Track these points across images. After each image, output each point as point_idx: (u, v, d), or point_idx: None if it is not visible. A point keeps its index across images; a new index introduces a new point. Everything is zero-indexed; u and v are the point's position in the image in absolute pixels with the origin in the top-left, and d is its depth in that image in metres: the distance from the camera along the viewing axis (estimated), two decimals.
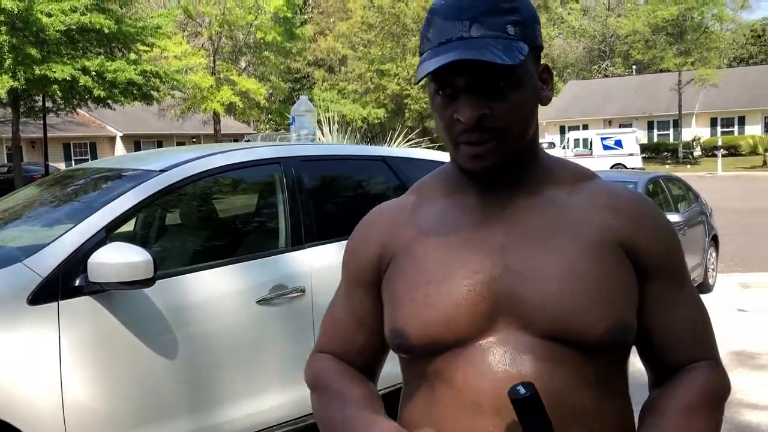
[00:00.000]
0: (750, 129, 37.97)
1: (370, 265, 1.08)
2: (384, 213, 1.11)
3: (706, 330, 1.06)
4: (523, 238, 0.99)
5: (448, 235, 1.02)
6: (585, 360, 0.94)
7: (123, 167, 3.26)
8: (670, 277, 1.02)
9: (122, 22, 18.31)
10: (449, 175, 1.08)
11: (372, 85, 32.64)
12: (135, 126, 34.18)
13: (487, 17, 0.93)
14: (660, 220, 1.04)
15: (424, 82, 1.00)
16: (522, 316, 0.95)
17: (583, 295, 0.94)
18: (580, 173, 1.07)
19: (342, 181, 3.78)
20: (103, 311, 2.57)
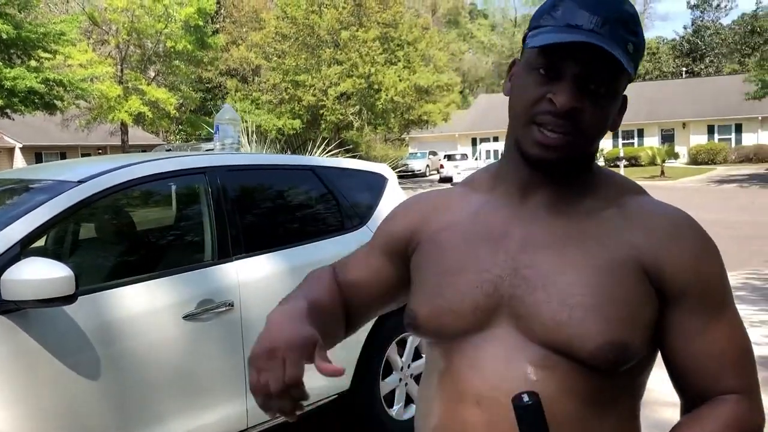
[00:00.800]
0: (648, 141, 40.13)
1: (401, 239, 1.15)
2: (424, 199, 1.18)
3: (740, 359, 0.99)
4: (542, 243, 1.00)
5: (474, 228, 1.06)
6: (578, 372, 0.94)
7: (34, 178, 3.08)
8: (702, 302, 0.97)
9: (22, 28, 17.43)
10: (494, 171, 1.12)
11: (287, 95, 32.36)
12: (36, 137, 32.50)
13: (617, 25, 0.94)
14: (696, 241, 0.99)
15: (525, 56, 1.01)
16: (520, 320, 0.97)
17: (579, 310, 0.94)
18: (628, 188, 1.06)
19: (270, 191, 3.70)
20: (18, 331, 2.40)
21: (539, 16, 0.99)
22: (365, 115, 32.22)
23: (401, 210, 1.20)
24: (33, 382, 2.43)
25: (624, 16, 0.95)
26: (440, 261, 1.05)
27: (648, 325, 0.96)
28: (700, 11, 64.34)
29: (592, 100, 0.94)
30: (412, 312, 1.06)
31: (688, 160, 39.10)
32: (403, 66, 31.90)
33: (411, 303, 1.08)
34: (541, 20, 0.98)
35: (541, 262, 0.98)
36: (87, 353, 2.56)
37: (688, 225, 1.01)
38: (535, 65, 0.96)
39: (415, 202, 1.19)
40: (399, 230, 1.16)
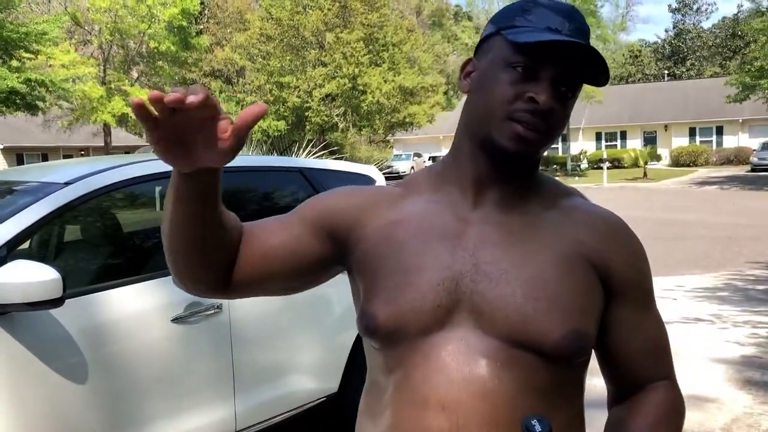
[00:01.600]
0: (631, 143, 40.48)
1: (338, 220, 1.08)
2: (369, 190, 1.14)
3: (666, 350, 1.11)
4: (498, 240, 1.01)
5: (428, 226, 1.04)
6: (539, 366, 0.96)
7: (24, 179, 3.04)
8: (638, 298, 1.06)
9: (3, 27, 17.25)
10: (439, 172, 1.11)
11: (271, 97, 32.30)
12: (17, 138, 32.14)
13: (585, 36, 1.01)
14: (633, 240, 1.08)
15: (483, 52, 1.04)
16: (482, 316, 0.97)
17: (544, 302, 0.96)
18: (562, 190, 1.11)
19: (258, 192, 3.69)
20: (5, 335, 2.37)
21: (510, 16, 1.01)
22: (350, 116, 32.22)
23: (341, 192, 1.12)
24: (19, 387, 2.40)
25: (586, 30, 1.02)
26: (395, 260, 1.02)
27: (598, 317, 1.02)
28: (681, 15, 65.04)
29: (561, 102, 0.99)
30: (370, 314, 1.01)
31: (670, 162, 39.50)
32: (388, 67, 31.96)
33: (367, 305, 1.02)
34: (515, 22, 1.00)
35: (501, 257, 0.99)
36: (74, 357, 2.54)
37: (624, 226, 1.08)
38: (511, 62, 0.97)
39: (358, 190, 1.13)
40: (337, 209, 1.08)
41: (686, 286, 8.22)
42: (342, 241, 1.07)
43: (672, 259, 10.49)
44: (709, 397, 4.46)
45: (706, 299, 7.39)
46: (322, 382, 3.51)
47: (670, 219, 15.74)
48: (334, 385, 3.57)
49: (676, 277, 8.88)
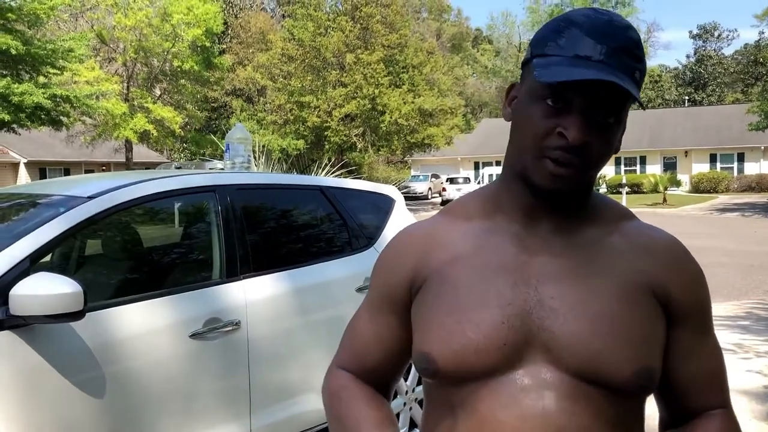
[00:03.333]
0: (651, 168, 40.20)
1: (402, 287, 1.08)
2: (416, 234, 1.10)
3: (723, 379, 1.09)
4: (560, 273, 0.98)
5: (484, 260, 1.00)
6: (608, 401, 0.95)
7: (45, 193, 3.08)
8: (696, 324, 1.05)
9: (31, 44, 17.57)
10: (489, 197, 1.07)
11: (291, 116, 32.53)
12: (40, 152, 32.61)
13: (624, 54, 0.93)
14: (693, 266, 1.06)
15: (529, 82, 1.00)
16: (551, 352, 0.94)
17: (613, 337, 0.94)
18: (621, 213, 1.08)
19: (278, 210, 3.70)
20: (26, 347, 2.38)
21: (543, 41, 0.97)
22: (369, 136, 32.35)
23: (392, 255, 1.11)
24: (38, 398, 2.41)
25: (629, 44, 0.94)
26: (453, 298, 0.99)
27: (662, 346, 1.01)
28: (703, 41, 64.87)
29: (599, 131, 0.94)
30: (427, 355, 0.98)
31: (690, 188, 39.15)
32: (408, 89, 32.10)
33: (423, 345, 1.00)
34: (547, 48, 0.95)
35: (565, 292, 0.97)
36: (92, 370, 2.54)
37: (684, 250, 1.07)
38: (541, 95, 0.94)
39: (406, 242, 1.10)
40: (398, 279, 1.08)
41: None
42: (411, 300, 1.08)
43: None
44: None
45: (728, 328, 7.27)
46: None
47: (690, 246, 15.44)
48: None
49: None
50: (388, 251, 1.13)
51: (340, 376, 1.15)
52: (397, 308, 1.09)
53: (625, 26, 0.95)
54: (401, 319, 1.09)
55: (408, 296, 1.07)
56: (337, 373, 1.16)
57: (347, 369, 1.16)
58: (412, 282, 1.06)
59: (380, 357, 1.12)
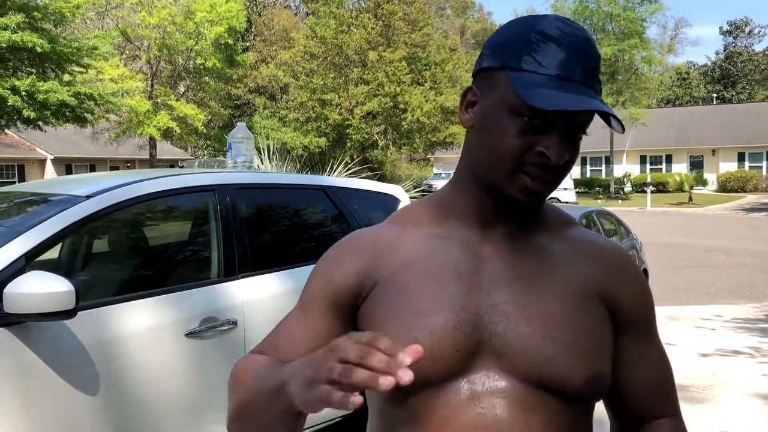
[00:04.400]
0: (677, 167, 39.66)
1: (346, 289, 1.01)
2: (364, 239, 1.05)
3: (671, 386, 1.09)
4: (512, 278, 0.97)
5: (436, 265, 0.98)
6: (560, 408, 0.94)
7: (49, 192, 3.11)
8: (643, 331, 1.05)
9: (56, 42, 17.83)
10: (440, 204, 1.05)
11: (314, 114, 32.65)
12: (67, 149, 33.12)
13: (597, 72, 0.95)
14: (638, 273, 1.07)
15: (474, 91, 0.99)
16: (503, 357, 0.93)
17: (565, 343, 0.94)
18: (564, 219, 1.08)
19: (279, 210, 3.70)
20: (20, 344, 2.41)
21: (516, 53, 0.93)
22: (390, 134, 32.34)
23: (337, 257, 1.05)
24: (32, 396, 2.44)
25: (597, 62, 0.95)
26: (405, 304, 0.96)
27: (611, 353, 1.00)
28: (733, 37, 63.76)
29: (572, 148, 0.95)
30: None
31: (717, 187, 38.55)
32: (430, 87, 32.03)
33: None
34: (523, 62, 0.92)
35: (517, 297, 0.95)
36: (87, 368, 2.56)
37: (630, 259, 1.07)
38: (519, 111, 0.91)
39: (353, 246, 1.05)
40: (342, 280, 1.02)
41: (725, 316, 7.96)
42: (357, 306, 1.02)
43: (712, 287, 10.20)
44: None
45: (747, 330, 7.14)
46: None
47: (714, 246, 15.31)
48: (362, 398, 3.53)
49: (715, 306, 8.62)
50: (332, 253, 1.07)
51: (254, 357, 1.03)
52: (335, 310, 1.02)
53: (594, 43, 0.95)
54: (342, 321, 1.02)
55: (353, 300, 1.02)
56: (249, 356, 1.05)
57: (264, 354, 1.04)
58: (360, 287, 1.01)
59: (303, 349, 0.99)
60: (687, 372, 5.59)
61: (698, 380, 5.38)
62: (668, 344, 6.62)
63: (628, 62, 35.06)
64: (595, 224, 7.58)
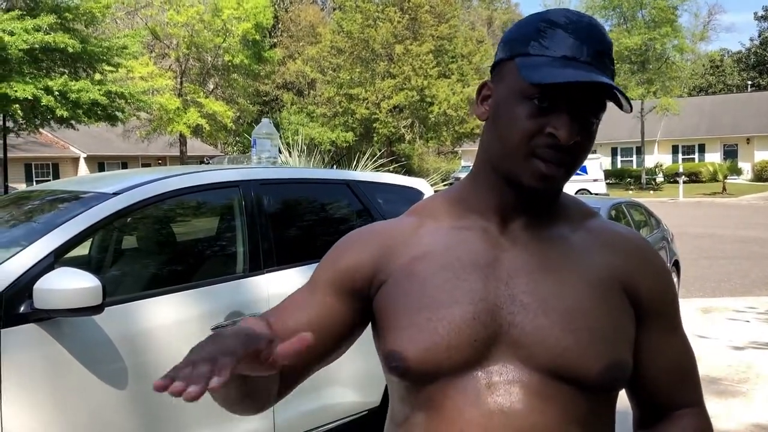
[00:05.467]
0: (710, 156, 38.91)
1: (359, 273, 1.03)
2: (380, 230, 1.06)
3: (694, 375, 1.08)
4: (532, 268, 0.98)
5: (455, 256, 0.99)
6: (578, 397, 0.93)
7: (78, 189, 3.16)
8: (665, 320, 1.04)
9: (87, 42, 18.14)
10: (458, 198, 1.05)
11: (341, 108, 32.72)
12: (99, 147, 33.70)
13: (606, 57, 0.95)
14: (659, 262, 1.06)
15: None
16: (521, 348, 0.94)
17: (584, 333, 0.94)
18: (586, 210, 1.08)
19: (303, 205, 3.72)
20: (50, 339, 2.46)
21: (524, 41, 0.95)
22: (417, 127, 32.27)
23: (353, 243, 1.06)
24: (61, 390, 2.49)
25: (608, 48, 0.96)
26: (423, 294, 0.97)
27: (632, 342, 1.00)
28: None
29: (585, 131, 0.94)
30: (397, 353, 0.95)
31: (752, 176, 37.75)
32: (457, 79, 31.86)
33: (392, 344, 0.97)
34: (530, 47, 0.94)
35: (536, 287, 0.96)
36: (115, 363, 2.61)
37: (651, 248, 1.07)
38: (527, 94, 0.92)
39: (370, 235, 1.06)
40: (355, 264, 1.03)
41: (760, 308, 7.80)
42: (366, 295, 1.03)
43: (747, 279, 10.00)
44: None
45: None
46: (364, 395, 3.49)
47: (748, 236, 15.01)
48: (376, 398, 3.54)
49: (749, 298, 8.45)
50: (342, 243, 1.08)
51: (257, 319, 1.03)
52: (345, 295, 1.03)
53: (602, 30, 0.96)
54: (342, 305, 1.03)
55: (363, 287, 1.03)
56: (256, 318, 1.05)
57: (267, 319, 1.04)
58: (374, 275, 1.02)
59: (303, 320, 1.02)
60: (720, 365, 5.49)
61: (732, 373, 5.28)
62: (701, 336, 6.53)
63: (660, 51, 34.46)
64: (624, 216, 7.47)
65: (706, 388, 4.96)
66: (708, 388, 4.98)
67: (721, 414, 4.49)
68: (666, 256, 7.73)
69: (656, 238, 7.70)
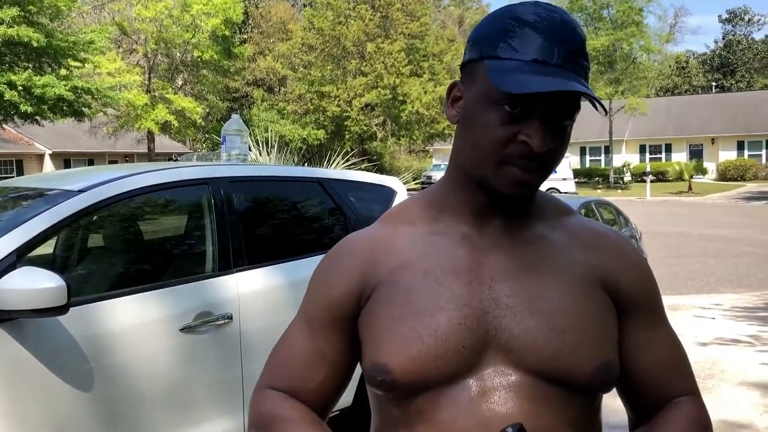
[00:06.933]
0: (676, 156, 39.60)
1: (349, 298, 1.00)
2: (360, 243, 1.04)
3: (685, 364, 1.07)
4: (513, 270, 0.95)
5: (436, 263, 0.96)
6: (569, 399, 0.92)
7: (43, 186, 3.08)
8: (649, 314, 1.03)
9: (53, 36, 17.77)
10: (433, 201, 1.03)
11: (312, 106, 32.56)
12: (65, 144, 33.06)
13: (579, 56, 0.92)
14: (638, 257, 1.05)
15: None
16: (511, 352, 0.91)
17: (572, 334, 0.92)
18: (562, 208, 1.06)
19: (274, 203, 3.67)
20: (11, 341, 2.39)
21: (492, 41, 0.92)
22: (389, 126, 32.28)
23: (336, 266, 1.03)
24: (24, 392, 2.41)
25: (581, 45, 0.93)
26: (407, 304, 0.94)
27: (617, 341, 0.99)
28: (732, 25, 63.57)
29: (558, 135, 0.92)
30: (382, 366, 0.92)
31: (716, 176, 38.52)
32: (428, 78, 31.93)
33: (377, 356, 0.94)
34: (499, 50, 0.90)
35: (520, 289, 0.94)
36: (81, 364, 2.54)
37: (629, 244, 1.06)
38: (498, 100, 0.89)
39: (349, 251, 1.03)
40: (344, 290, 1.01)
41: (725, 305, 7.95)
42: (355, 315, 1.01)
43: (712, 276, 10.19)
44: (743, 422, 4.28)
45: (746, 319, 7.13)
46: None
47: (713, 235, 15.30)
48: (348, 398, 3.52)
49: (715, 296, 8.61)
50: (327, 264, 1.05)
51: (271, 397, 1.04)
52: (342, 322, 1.01)
53: (575, 24, 0.93)
54: (346, 334, 1.01)
55: (355, 308, 1.00)
56: (267, 394, 1.05)
57: (281, 389, 1.05)
58: (361, 292, 0.99)
59: (323, 376, 1.03)
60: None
61: (698, 369, 5.36)
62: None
63: (626, 51, 34.92)
64: (594, 214, 7.55)
65: None
66: None
67: None
68: None
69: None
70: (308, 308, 1.05)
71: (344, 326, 1.01)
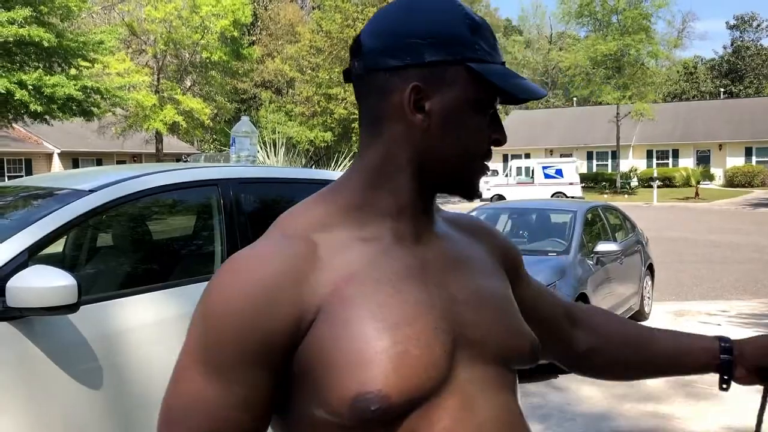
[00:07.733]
0: (683, 161, 39.48)
1: (284, 331, 0.82)
2: (270, 263, 0.84)
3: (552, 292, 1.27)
4: (450, 266, 0.95)
5: (384, 270, 0.88)
6: (515, 382, 0.95)
7: (53, 186, 3.11)
8: (524, 271, 1.15)
9: (63, 37, 17.86)
10: (351, 204, 0.92)
11: (319, 108, 32.64)
12: (73, 143, 33.20)
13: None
14: (497, 230, 1.18)
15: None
16: (476, 346, 0.90)
17: (512, 318, 0.96)
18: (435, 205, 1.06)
19: (282, 204, 3.69)
20: (22, 339, 2.42)
21: (467, 43, 0.88)
22: None
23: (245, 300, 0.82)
24: (35, 390, 2.44)
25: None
26: (374, 320, 0.83)
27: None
28: (740, 31, 63.35)
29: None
30: (378, 392, 0.79)
31: (724, 182, 38.37)
32: None
33: (364, 385, 0.80)
34: (479, 53, 0.88)
35: (464, 283, 0.94)
36: (90, 362, 2.57)
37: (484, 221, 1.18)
38: (485, 104, 0.91)
39: (258, 281, 0.83)
40: (279, 319, 0.82)
41: (731, 311, 7.93)
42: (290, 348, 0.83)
43: (718, 282, 10.16)
44: (748, 430, 4.27)
45: (752, 326, 7.11)
46: None
47: (720, 241, 15.25)
48: None
49: (721, 302, 8.59)
50: (231, 292, 0.83)
51: None
52: (274, 362, 0.83)
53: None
54: (268, 377, 0.83)
55: (291, 338, 0.83)
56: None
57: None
58: (297, 319, 0.83)
59: (247, 426, 0.84)
60: None
61: (704, 376, 5.34)
62: None
63: (634, 56, 34.88)
64: (600, 219, 7.54)
65: (678, 391, 5.03)
66: (680, 390, 5.05)
67: (693, 416, 4.55)
68: (641, 259, 7.82)
69: (631, 242, 7.78)
70: (215, 352, 0.83)
71: (275, 366, 0.83)
